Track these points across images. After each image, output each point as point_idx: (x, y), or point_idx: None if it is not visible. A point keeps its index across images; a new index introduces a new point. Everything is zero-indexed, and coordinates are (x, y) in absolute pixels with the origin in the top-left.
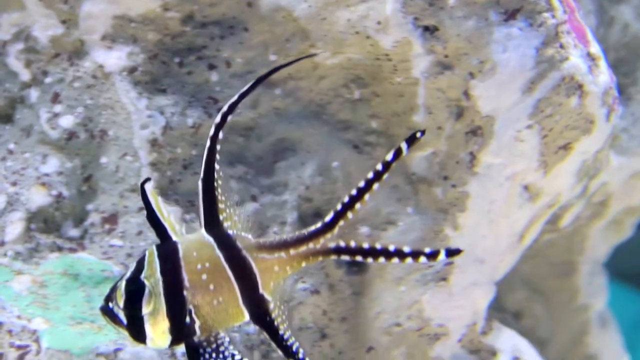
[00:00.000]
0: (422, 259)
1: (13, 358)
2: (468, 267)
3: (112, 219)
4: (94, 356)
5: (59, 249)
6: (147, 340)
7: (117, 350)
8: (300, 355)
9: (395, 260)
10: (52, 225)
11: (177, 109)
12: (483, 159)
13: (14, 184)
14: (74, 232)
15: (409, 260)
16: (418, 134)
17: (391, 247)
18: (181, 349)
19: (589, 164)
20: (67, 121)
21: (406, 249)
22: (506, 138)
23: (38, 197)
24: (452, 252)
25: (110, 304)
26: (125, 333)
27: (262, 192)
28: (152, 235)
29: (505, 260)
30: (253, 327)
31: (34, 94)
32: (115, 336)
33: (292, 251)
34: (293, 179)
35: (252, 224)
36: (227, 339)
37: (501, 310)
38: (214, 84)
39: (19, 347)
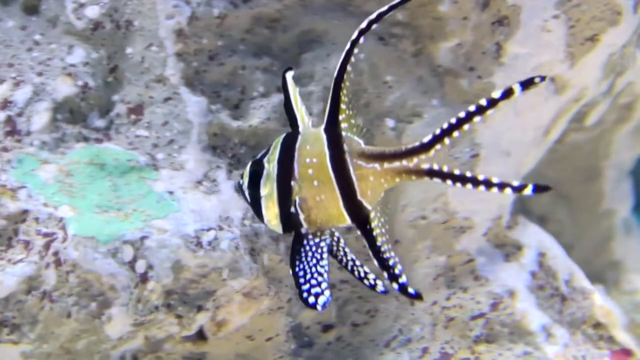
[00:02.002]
0: (508, 190)
1: (40, 245)
2: (494, 159)
3: (137, 109)
4: (120, 243)
5: (85, 139)
6: (265, 220)
7: (143, 238)
8: (397, 271)
9: (482, 188)
10: (78, 116)
11: None
12: (509, 49)
13: (40, 74)
14: (100, 123)
15: (495, 189)
16: (537, 79)
17: (480, 177)
18: (208, 237)
19: (616, 59)
20: (92, 11)
21: (495, 180)
22: (532, 28)
23: (64, 87)
24: (540, 188)
25: (241, 181)
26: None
27: None
28: (177, 125)
29: (531, 154)
30: None
31: None
32: (141, 224)
33: (386, 164)
34: (319, 70)
35: (366, 131)
36: (329, 241)
37: (526, 214)
38: None
39: (46, 235)
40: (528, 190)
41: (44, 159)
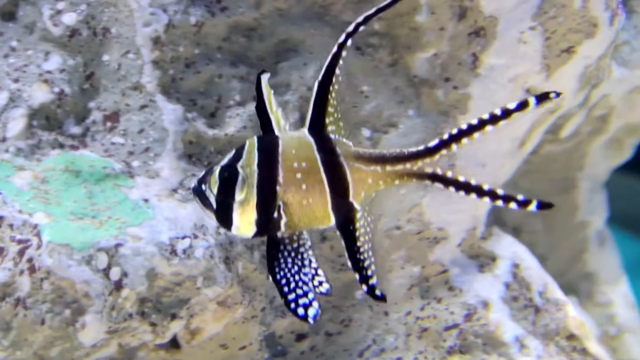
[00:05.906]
0: (513, 204)
1: (14, 252)
2: (469, 170)
3: (113, 116)
4: (94, 250)
5: (61, 145)
6: (232, 227)
7: (117, 245)
8: (370, 272)
9: (487, 199)
10: (54, 122)
11: (180, 7)
12: (485, 60)
13: (16, 80)
14: (76, 130)
15: (500, 202)
16: (552, 95)
17: (485, 186)
18: (182, 245)
19: (592, 71)
20: (69, 18)
21: (500, 192)
22: (509, 39)
23: (40, 94)
24: (544, 205)
25: (203, 187)
26: (212, 217)
27: None
28: (153, 133)
29: (507, 165)
30: None
31: None
32: (116, 231)
33: (388, 167)
34: (295, 79)
35: (352, 134)
36: (309, 243)
37: (500, 225)
38: None
39: (20, 241)
40: (532, 206)
41: (20, 165)
